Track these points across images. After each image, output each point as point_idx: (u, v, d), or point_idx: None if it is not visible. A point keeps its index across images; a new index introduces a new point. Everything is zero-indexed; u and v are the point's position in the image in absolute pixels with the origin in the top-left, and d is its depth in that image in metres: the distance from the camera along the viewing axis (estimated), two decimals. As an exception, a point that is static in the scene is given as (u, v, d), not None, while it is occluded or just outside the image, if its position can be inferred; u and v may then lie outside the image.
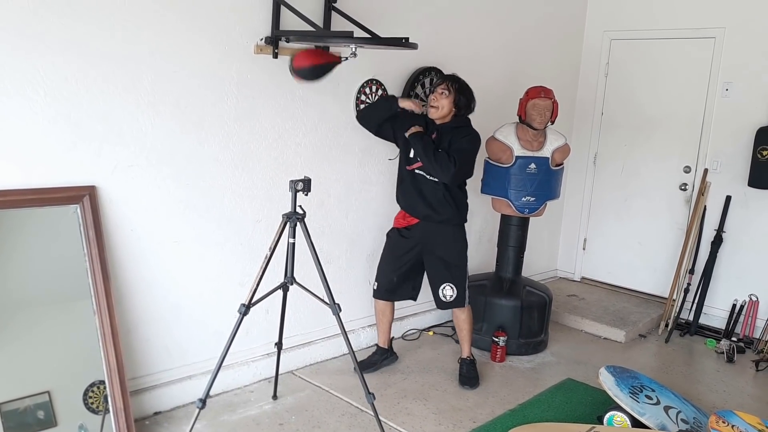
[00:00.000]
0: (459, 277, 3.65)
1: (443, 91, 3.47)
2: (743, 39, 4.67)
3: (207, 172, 3.20)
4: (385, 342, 3.89)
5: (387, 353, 3.90)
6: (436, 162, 3.40)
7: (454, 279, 3.63)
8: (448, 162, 3.39)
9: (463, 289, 3.66)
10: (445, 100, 3.46)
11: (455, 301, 3.66)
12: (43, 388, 2.64)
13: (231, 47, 3.16)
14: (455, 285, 3.63)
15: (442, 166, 3.39)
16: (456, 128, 3.51)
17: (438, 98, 3.48)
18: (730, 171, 4.79)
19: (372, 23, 3.38)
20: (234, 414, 3.21)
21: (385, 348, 3.90)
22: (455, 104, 3.47)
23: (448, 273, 3.64)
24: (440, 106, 3.47)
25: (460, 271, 3.65)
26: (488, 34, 4.59)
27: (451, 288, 3.63)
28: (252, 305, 2.83)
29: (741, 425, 2.98)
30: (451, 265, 3.63)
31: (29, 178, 2.63)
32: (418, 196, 3.58)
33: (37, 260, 2.71)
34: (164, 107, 2.97)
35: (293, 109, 3.49)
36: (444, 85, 3.49)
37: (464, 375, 3.72)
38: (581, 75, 5.57)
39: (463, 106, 3.50)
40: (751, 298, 4.67)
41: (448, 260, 3.63)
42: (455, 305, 3.69)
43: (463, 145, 3.46)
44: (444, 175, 3.42)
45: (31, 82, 2.57)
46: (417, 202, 3.59)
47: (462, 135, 3.49)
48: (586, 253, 5.72)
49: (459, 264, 3.65)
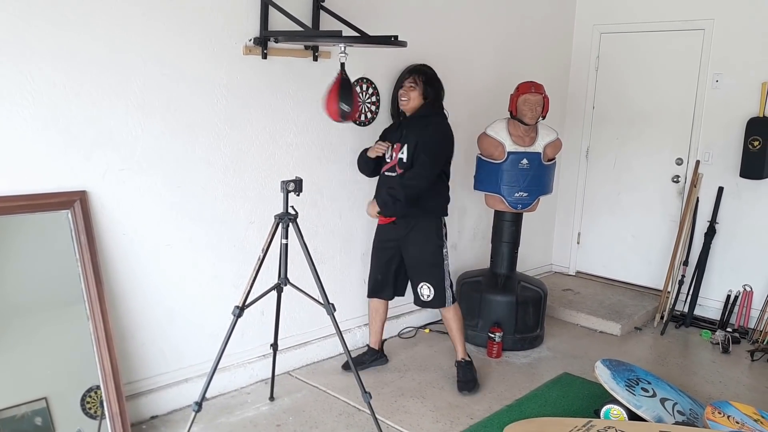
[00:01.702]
0: (436, 275, 3.55)
1: (411, 85, 3.52)
2: (732, 30, 4.68)
3: (198, 175, 3.19)
4: (375, 343, 3.87)
5: (377, 354, 3.87)
6: (410, 188, 3.37)
7: (430, 278, 3.56)
8: (417, 175, 3.38)
9: (442, 288, 3.56)
10: (413, 93, 3.51)
11: (433, 301, 3.59)
12: (40, 394, 2.63)
13: (219, 49, 3.15)
14: (432, 284, 3.56)
15: (416, 183, 3.38)
16: (423, 117, 3.52)
17: (407, 92, 3.52)
18: (722, 162, 4.80)
19: (361, 22, 3.38)
20: (231, 416, 3.21)
21: (375, 349, 3.87)
22: (423, 95, 3.51)
23: (424, 272, 3.57)
24: (409, 98, 3.51)
25: (437, 270, 3.55)
26: (478, 31, 4.59)
27: (428, 287, 3.57)
28: (246, 307, 2.82)
29: (737, 415, 3.00)
30: (425, 264, 3.56)
31: (19, 184, 2.62)
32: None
33: (30, 266, 2.70)
34: (154, 111, 2.96)
35: (284, 110, 3.49)
36: (411, 78, 3.53)
37: (461, 380, 3.60)
38: (572, 69, 5.58)
39: (432, 96, 3.53)
40: (745, 288, 4.69)
41: (422, 258, 3.57)
42: (434, 305, 3.63)
43: (429, 141, 3.42)
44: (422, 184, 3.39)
45: (19, 88, 2.56)
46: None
47: (426, 125, 3.47)
48: (581, 247, 5.73)
49: (434, 262, 3.55)
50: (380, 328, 3.86)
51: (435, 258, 3.56)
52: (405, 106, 3.55)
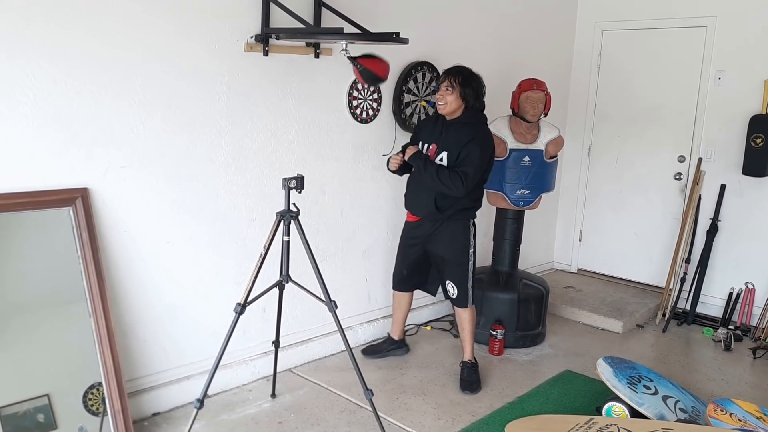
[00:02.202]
0: (460, 275, 3.57)
1: (447, 87, 3.36)
2: (735, 27, 4.67)
3: (200, 172, 3.19)
4: (396, 332, 3.95)
5: (396, 344, 3.95)
6: (442, 183, 3.33)
7: (455, 277, 3.58)
8: (457, 182, 3.30)
9: (466, 289, 3.59)
10: (450, 96, 3.35)
11: (457, 299, 3.62)
12: (43, 391, 2.64)
13: (221, 46, 3.15)
14: (456, 284, 3.59)
15: (450, 187, 3.32)
16: (466, 124, 3.41)
17: (443, 95, 3.38)
18: (724, 159, 4.79)
19: (362, 19, 3.37)
20: (233, 413, 3.21)
21: (395, 339, 3.95)
22: (462, 98, 3.36)
23: (448, 270, 3.60)
24: (446, 102, 3.37)
25: (462, 270, 3.57)
26: (480, 28, 4.58)
27: (452, 286, 3.60)
28: (248, 304, 2.82)
29: (739, 413, 2.99)
30: (450, 263, 3.59)
31: (21, 181, 2.62)
32: (416, 194, 3.58)
33: (31, 264, 2.70)
34: (155, 108, 2.96)
35: (285, 107, 3.48)
36: (447, 81, 3.37)
37: (465, 379, 3.61)
38: (574, 66, 5.56)
39: (472, 98, 3.37)
40: (747, 286, 4.68)
41: (447, 258, 3.59)
42: (457, 304, 3.66)
43: (472, 153, 3.33)
44: (455, 193, 3.36)
45: (20, 85, 2.55)
46: (416, 200, 3.58)
47: (471, 136, 3.35)
48: (583, 244, 5.72)
49: (459, 263, 3.56)
50: (403, 318, 3.92)
51: (459, 258, 3.57)
52: (443, 110, 3.41)
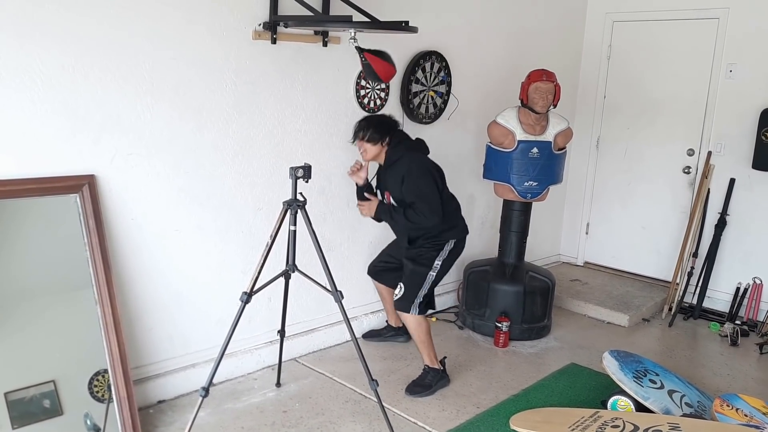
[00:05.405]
0: (413, 280, 3.42)
1: (359, 145, 3.42)
2: (747, 19, 4.61)
3: (207, 160, 3.18)
4: (392, 320, 4.00)
5: (395, 331, 3.98)
6: (414, 223, 3.32)
7: (407, 279, 3.44)
8: (422, 216, 3.28)
9: (413, 294, 3.40)
10: (366, 147, 3.38)
11: (399, 300, 3.43)
12: (49, 377, 2.64)
13: (229, 33, 3.13)
14: (405, 285, 3.43)
15: (421, 221, 3.30)
16: (395, 162, 3.37)
17: (361, 151, 3.42)
18: (734, 153, 4.75)
19: (371, 7, 3.34)
20: (238, 402, 3.22)
21: (393, 326, 3.99)
22: (373, 143, 3.35)
23: (405, 272, 3.49)
24: (364, 151, 3.39)
25: (417, 276, 3.42)
26: (489, 17, 4.54)
27: (401, 287, 3.44)
28: (254, 293, 2.82)
29: (745, 408, 2.98)
30: (408, 267, 3.47)
31: (28, 167, 2.62)
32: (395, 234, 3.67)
33: (38, 250, 2.70)
34: (162, 95, 2.95)
35: (293, 96, 3.46)
36: (356, 143, 3.43)
37: (413, 381, 3.45)
38: (583, 58, 5.52)
39: (380, 138, 3.35)
40: (755, 281, 4.66)
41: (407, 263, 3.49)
42: (397, 305, 3.46)
43: (411, 187, 3.31)
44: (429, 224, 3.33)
45: (28, 70, 2.54)
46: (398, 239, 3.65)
47: (402, 173, 3.32)
48: (589, 237, 5.70)
49: (417, 271, 3.43)
50: (391, 308, 3.91)
51: (418, 268, 3.45)
52: (367, 160, 3.44)
